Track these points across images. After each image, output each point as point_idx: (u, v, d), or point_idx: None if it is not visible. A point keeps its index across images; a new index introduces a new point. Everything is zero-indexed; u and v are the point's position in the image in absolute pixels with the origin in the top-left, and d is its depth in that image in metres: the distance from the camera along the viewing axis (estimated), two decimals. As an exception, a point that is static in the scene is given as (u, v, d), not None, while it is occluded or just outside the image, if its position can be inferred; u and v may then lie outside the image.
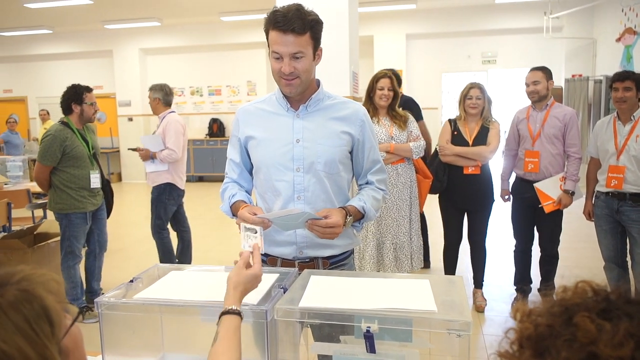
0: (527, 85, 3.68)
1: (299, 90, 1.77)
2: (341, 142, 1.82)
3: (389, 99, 3.58)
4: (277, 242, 1.85)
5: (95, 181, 3.74)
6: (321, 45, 1.80)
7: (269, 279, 1.54)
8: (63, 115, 3.77)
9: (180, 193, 4.47)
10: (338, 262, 1.90)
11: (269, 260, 1.89)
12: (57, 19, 10.31)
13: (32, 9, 9.03)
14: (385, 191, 1.96)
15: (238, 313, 1.22)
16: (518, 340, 0.63)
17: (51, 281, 0.79)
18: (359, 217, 1.82)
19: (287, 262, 1.85)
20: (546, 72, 3.66)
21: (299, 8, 1.69)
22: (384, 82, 3.58)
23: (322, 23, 1.76)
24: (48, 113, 10.28)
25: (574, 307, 0.61)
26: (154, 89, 4.46)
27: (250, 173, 1.96)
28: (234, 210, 1.81)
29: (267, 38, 1.73)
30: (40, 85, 12.57)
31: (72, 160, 3.63)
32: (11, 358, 0.68)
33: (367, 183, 1.94)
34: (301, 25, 1.66)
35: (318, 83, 1.88)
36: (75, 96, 3.70)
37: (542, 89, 3.63)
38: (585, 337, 0.57)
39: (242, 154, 1.93)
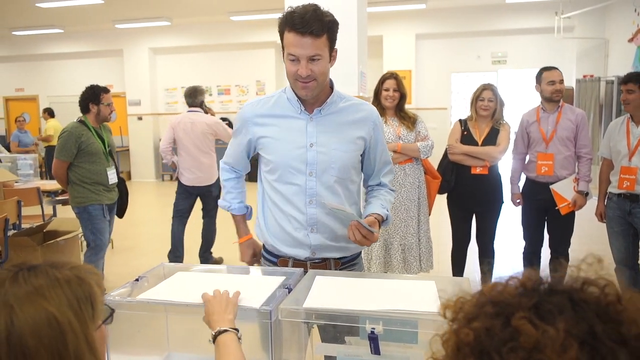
0: (553, 82, 3.58)
1: (315, 93, 1.73)
2: (355, 147, 1.82)
3: (395, 100, 3.57)
4: (291, 243, 1.83)
5: (112, 177, 3.89)
6: (336, 46, 1.77)
7: (273, 281, 1.52)
8: (81, 114, 3.95)
9: (188, 189, 4.84)
10: (349, 262, 1.90)
11: (280, 261, 1.88)
12: (69, 19, 10.39)
13: (44, 9, 9.10)
14: (394, 192, 2.00)
15: (233, 330, 1.23)
16: (456, 344, 0.61)
17: (97, 276, 0.89)
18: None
19: (298, 263, 1.83)
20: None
21: (315, 9, 1.64)
22: (390, 83, 3.58)
23: (338, 24, 1.72)
24: (47, 112, 10.34)
25: (507, 307, 0.59)
26: None
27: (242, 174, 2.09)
28: (235, 219, 2.05)
29: (282, 39, 1.68)
30: (52, 84, 12.67)
31: (87, 156, 3.77)
32: (62, 327, 0.77)
33: (379, 184, 1.93)
34: (319, 27, 1.61)
35: (331, 84, 1.84)
36: (93, 96, 3.87)
37: (564, 88, 3.62)
38: (528, 342, 0.54)
39: (248, 154, 1.96)
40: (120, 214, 4.19)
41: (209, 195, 4.91)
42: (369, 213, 1.81)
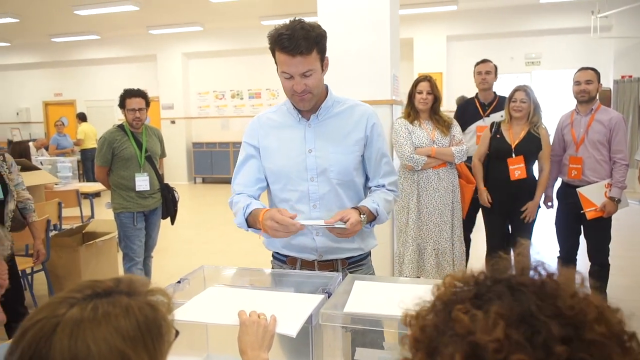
0: (579, 83, 3.56)
1: (312, 104, 1.80)
2: (354, 149, 1.83)
3: (429, 103, 3.55)
4: (297, 248, 1.87)
5: (141, 184, 3.77)
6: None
7: (311, 300, 1.43)
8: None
9: None
10: (356, 263, 1.91)
11: (288, 260, 1.91)
12: (105, 25, 10.68)
13: (82, 16, 9.38)
14: (396, 192, 1.94)
15: None
16: (412, 345, 0.65)
17: (168, 299, 0.85)
18: (372, 218, 1.81)
19: (306, 262, 1.87)
20: (597, 73, 3.57)
21: (302, 26, 1.67)
22: (423, 86, 3.55)
23: (326, 35, 1.75)
24: (79, 117, 10.62)
25: (450, 302, 0.64)
26: None
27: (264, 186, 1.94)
28: (251, 220, 1.75)
29: (274, 56, 1.73)
30: (88, 89, 13.04)
31: (121, 161, 3.75)
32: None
33: (377, 186, 1.92)
34: (307, 46, 1.65)
35: (327, 88, 1.87)
36: (120, 100, 3.78)
37: (593, 89, 3.54)
38: (462, 328, 0.59)
39: (261, 167, 1.90)
40: (170, 221, 4.11)
41: None
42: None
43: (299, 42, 1.64)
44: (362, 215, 1.71)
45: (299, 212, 1.82)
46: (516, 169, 3.57)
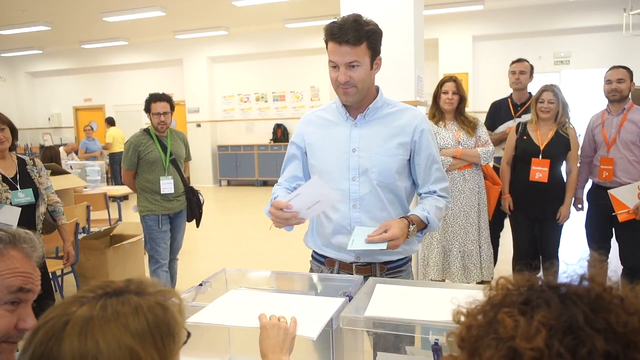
0: (610, 82, 3.49)
1: (355, 99, 1.79)
2: (397, 152, 1.82)
3: (454, 103, 3.51)
4: (335, 247, 1.87)
5: (166, 187, 3.81)
6: (383, 53, 1.80)
7: (331, 304, 1.42)
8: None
9: None
10: (395, 269, 1.90)
11: (327, 262, 1.92)
12: (132, 31, 10.89)
13: (110, 22, 9.59)
14: (447, 199, 1.92)
15: None
16: (458, 343, 0.65)
17: (180, 301, 0.86)
18: (422, 227, 1.80)
19: (344, 265, 1.87)
20: (630, 71, 3.49)
21: (356, 19, 1.70)
22: (449, 86, 3.51)
23: (380, 33, 1.77)
24: (107, 121, 10.82)
25: (499, 304, 0.64)
26: None
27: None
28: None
29: (327, 48, 1.77)
30: (117, 94, 13.31)
31: (147, 165, 3.81)
32: None
33: (428, 192, 1.91)
34: (356, 36, 1.67)
35: (378, 90, 1.88)
36: (145, 105, 3.85)
37: (625, 88, 3.45)
38: (505, 333, 0.59)
39: (304, 166, 1.95)
40: (196, 223, 4.13)
41: None
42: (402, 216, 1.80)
43: (348, 31, 1.67)
44: (411, 226, 1.72)
45: (339, 211, 1.83)
46: (538, 171, 3.48)
